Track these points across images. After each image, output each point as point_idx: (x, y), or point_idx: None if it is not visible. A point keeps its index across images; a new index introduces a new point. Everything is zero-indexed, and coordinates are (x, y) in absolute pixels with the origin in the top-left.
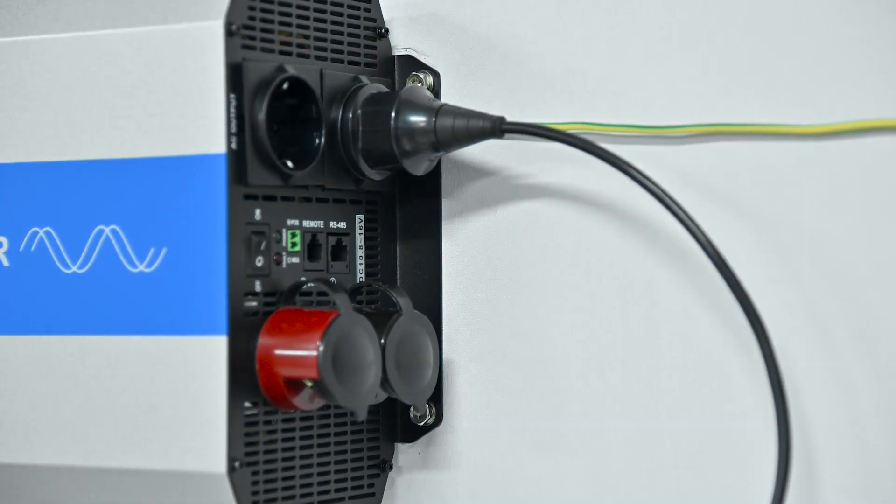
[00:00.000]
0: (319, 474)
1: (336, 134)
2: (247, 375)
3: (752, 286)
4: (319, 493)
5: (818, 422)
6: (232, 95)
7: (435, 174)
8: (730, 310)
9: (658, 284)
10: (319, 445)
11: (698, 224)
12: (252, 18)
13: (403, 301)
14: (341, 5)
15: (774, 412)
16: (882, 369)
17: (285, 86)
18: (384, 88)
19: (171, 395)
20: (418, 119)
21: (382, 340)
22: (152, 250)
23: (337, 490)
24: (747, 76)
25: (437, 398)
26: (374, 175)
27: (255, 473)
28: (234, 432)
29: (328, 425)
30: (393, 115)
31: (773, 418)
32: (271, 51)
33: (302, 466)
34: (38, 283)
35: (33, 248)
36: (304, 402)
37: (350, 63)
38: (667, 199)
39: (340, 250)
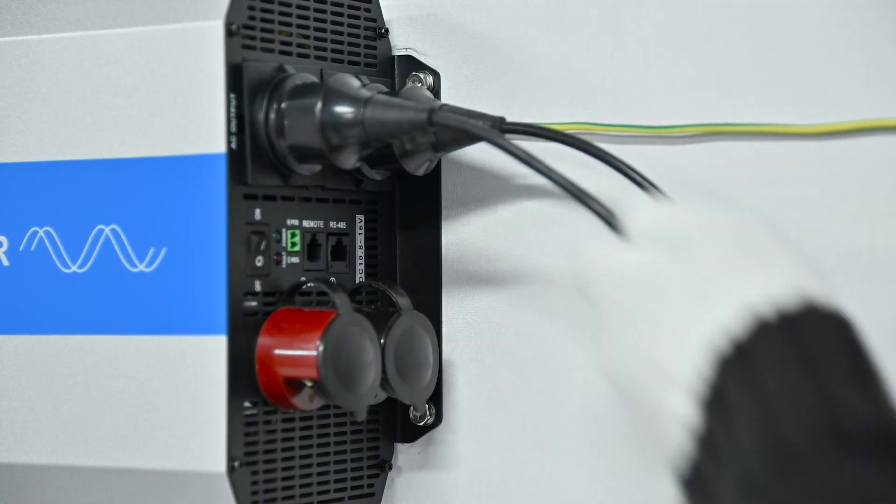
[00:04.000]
0: (319, 474)
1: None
2: (246, 375)
3: None
4: (319, 492)
5: None
6: (232, 95)
7: (435, 174)
8: None
9: None
10: (319, 445)
11: None
12: (252, 18)
13: (403, 301)
14: (341, 5)
15: None
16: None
17: None
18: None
19: (171, 394)
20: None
21: (382, 340)
22: (152, 250)
23: (336, 490)
24: (747, 76)
25: (436, 398)
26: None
27: (254, 473)
28: (234, 432)
29: (328, 425)
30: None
31: None
32: (271, 51)
33: (301, 466)
34: (38, 283)
35: (33, 247)
36: (304, 401)
37: (350, 63)
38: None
39: (340, 250)
